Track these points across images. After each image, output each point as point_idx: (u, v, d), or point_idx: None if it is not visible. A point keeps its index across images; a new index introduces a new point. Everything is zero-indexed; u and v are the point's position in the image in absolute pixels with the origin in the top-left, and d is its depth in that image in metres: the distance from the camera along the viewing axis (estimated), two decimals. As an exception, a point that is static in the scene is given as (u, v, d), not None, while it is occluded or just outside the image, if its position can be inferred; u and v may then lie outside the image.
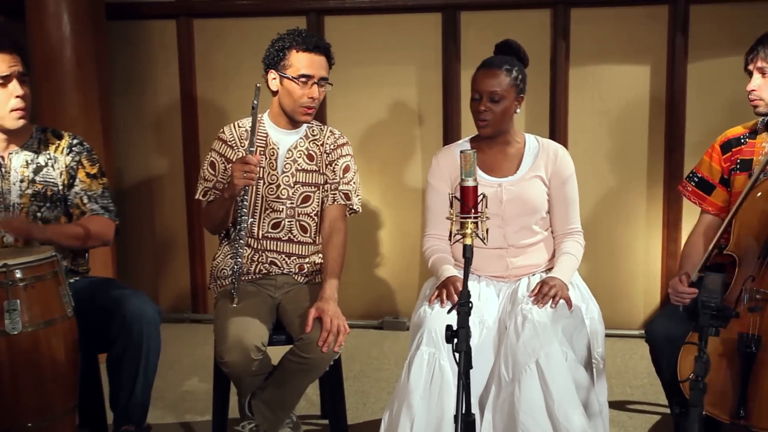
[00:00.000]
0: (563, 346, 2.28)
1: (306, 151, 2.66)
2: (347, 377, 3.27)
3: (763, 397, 2.01)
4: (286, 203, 2.64)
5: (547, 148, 2.60)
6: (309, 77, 2.54)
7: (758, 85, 2.37)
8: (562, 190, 2.58)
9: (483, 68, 2.53)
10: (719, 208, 2.52)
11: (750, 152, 2.47)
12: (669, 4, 3.73)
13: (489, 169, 2.58)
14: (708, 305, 1.78)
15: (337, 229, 2.67)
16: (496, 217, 2.51)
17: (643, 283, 3.98)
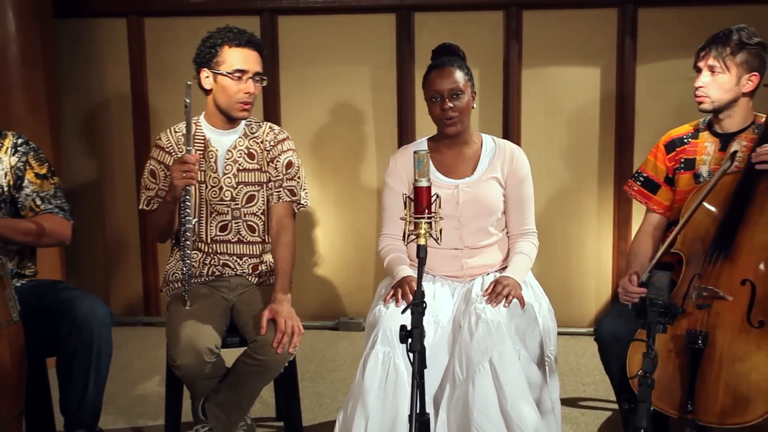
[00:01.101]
0: (516, 344, 2.30)
1: (246, 150, 2.63)
2: (303, 378, 3.26)
3: (710, 392, 2.07)
4: (230, 205, 2.61)
5: (503, 149, 2.62)
6: (244, 72, 2.50)
7: (706, 82, 2.41)
8: (518, 191, 2.61)
9: (435, 69, 2.54)
10: (665, 207, 2.58)
11: (693, 151, 2.53)
12: (618, 7, 3.80)
13: (446, 171, 2.60)
14: (656, 303, 1.82)
15: (284, 227, 2.63)
16: (453, 218, 2.53)
17: (595, 282, 4.05)
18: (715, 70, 2.40)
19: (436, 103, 2.52)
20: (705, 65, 2.41)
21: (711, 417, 2.05)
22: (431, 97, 2.52)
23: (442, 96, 2.50)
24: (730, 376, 2.06)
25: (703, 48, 2.43)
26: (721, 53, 2.38)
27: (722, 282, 2.19)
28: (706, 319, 2.15)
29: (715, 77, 2.40)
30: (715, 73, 2.40)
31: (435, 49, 2.67)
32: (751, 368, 2.05)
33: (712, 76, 2.41)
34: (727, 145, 2.46)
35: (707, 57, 2.40)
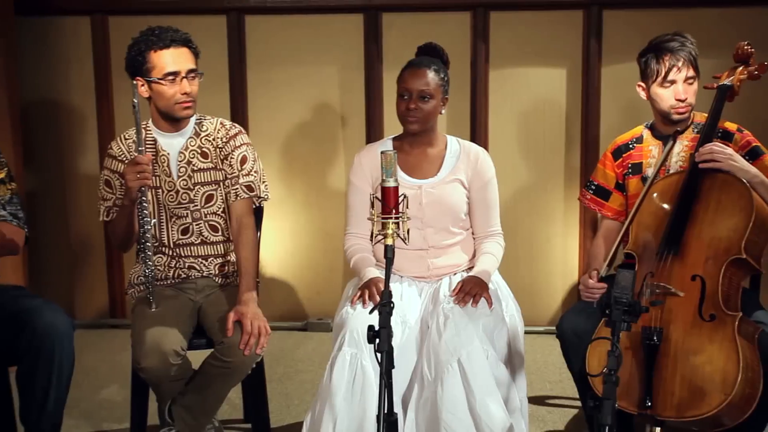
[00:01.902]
0: (484, 344, 2.32)
1: (199, 150, 2.59)
2: (271, 380, 3.24)
3: (666, 387, 2.10)
4: (189, 207, 2.58)
5: (468, 151, 2.63)
6: (175, 74, 2.46)
7: (690, 93, 2.45)
8: (483, 194, 2.62)
9: (411, 67, 2.54)
10: (617, 212, 2.63)
11: (639, 156, 2.59)
12: (583, 9, 3.84)
13: (410, 170, 2.60)
14: (620, 301, 1.84)
15: (244, 225, 2.59)
16: (416, 219, 2.53)
17: (562, 281, 4.09)
18: (692, 81, 2.44)
19: (403, 100, 2.53)
20: (683, 78, 2.43)
21: (669, 411, 2.09)
22: (401, 93, 2.53)
23: (410, 95, 2.51)
24: (685, 370, 2.10)
25: (674, 60, 2.43)
26: (694, 61, 2.44)
27: (674, 278, 2.24)
28: (660, 316, 2.19)
29: (692, 86, 2.45)
30: (692, 83, 2.44)
31: (421, 46, 2.67)
32: (704, 361, 2.09)
33: (690, 86, 2.45)
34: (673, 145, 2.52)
35: (685, 68, 2.43)
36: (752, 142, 2.48)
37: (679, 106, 2.46)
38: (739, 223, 2.22)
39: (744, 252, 2.19)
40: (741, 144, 2.47)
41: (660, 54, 2.44)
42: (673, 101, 2.46)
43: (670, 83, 2.45)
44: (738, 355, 2.05)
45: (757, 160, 2.43)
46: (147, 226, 2.42)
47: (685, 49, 2.43)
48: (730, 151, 2.33)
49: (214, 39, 3.97)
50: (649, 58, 2.48)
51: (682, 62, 2.42)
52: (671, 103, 2.46)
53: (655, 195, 2.43)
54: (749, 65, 2.52)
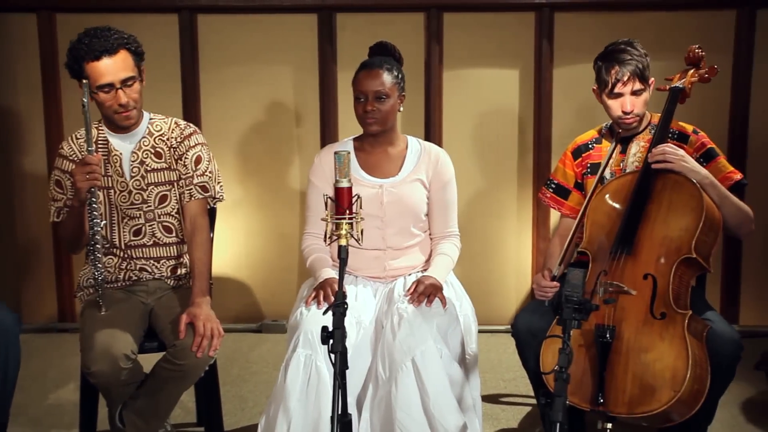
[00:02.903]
0: (438, 343, 2.33)
1: (152, 150, 2.55)
2: (225, 382, 3.21)
3: (618, 384, 2.13)
4: (142, 208, 2.55)
5: (429, 152, 2.64)
6: (109, 86, 2.40)
7: (636, 104, 2.48)
8: (442, 194, 2.63)
9: (364, 69, 2.54)
10: (576, 211, 2.66)
11: (598, 156, 2.63)
12: (535, 11, 3.88)
13: (371, 170, 2.60)
14: (571, 299, 1.87)
15: (198, 226, 2.56)
16: (376, 218, 2.53)
17: (515, 280, 4.13)
18: (639, 93, 2.47)
19: (360, 102, 2.52)
20: (629, 91, 2.46)
21: (620, 408, 2.12)
22: (357, 96, 2.53)
23: (366, 97, 2.50)
24: (637, 367, 2.13)
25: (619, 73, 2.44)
26: (641, 74, 2.45)
27: (626, 277, 2.27)
28: (613, 314, 2.22)
29: (640, 97, 2.48)
30: (639, 94, 2.48)
31: (372, 46, 2.67)
32: (655, 358, 2.12)
33: (638, 98, 2.48)
34: (627, 147, 2.57)
35: (630, 82, 2.45)
36: (707, 144, 2.53)
37: (624, 117, 2.50)
38: (690, 224, 2.27)
39: (694, 251, 2.24)
40: (696, 146, 2.52)
41: (609, 65, 2.46)
42: (620, 113, 2.49)
43: (616, 96, 2.48)
44: (687, 352, 2.09)
45: (711, 162, 2.48)
46: (97, 227, 2.38)
47: (633, 62, 2.44)
48: (682, 152, 2.38)
49: (166, 38, 3.91)
50: (600, 67, 2.50)
51: (627, 77, 2.44)
52: (618, 114, 2.50)
53: (609, 195, 2.46)
54: (700, 68, 2.57)
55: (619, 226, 2.35)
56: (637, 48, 2.48)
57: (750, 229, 2.45)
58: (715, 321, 2.29)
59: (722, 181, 2.41)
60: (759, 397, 3.16)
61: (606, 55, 2.50)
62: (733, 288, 4.02)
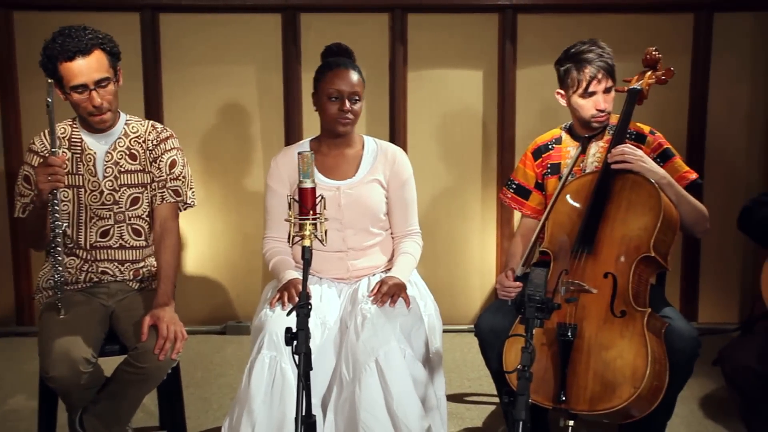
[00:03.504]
0: (401, 343, 2.33)
1: (127, 151, 2.54)
2: (188, 385, 3.18)
3: (579, 382, 2.16)
4: (113, 209, 2.52)
5: (385, 151, 2.65)
6: (83, 87, 2.37)
7: (609, 101, 2.52)
8: (401, 193, 2.63)
9: (338, 69, 2.52)
10: (537, 211, 2.70)
11: (558, 157, 2.67)
12: (498, 12, 3.91)
13: (328, 172, 2.60)
14: (533, 299, 1.88)
15: (168, 229, 2.55)
16: (335, 221, 2.53)
17: (479, 280, 4.15)
18: (610, 90, 2.51)
19: (334, 102, 2.50)
20: (602, 89, 2.50)
21: (582, 405, 2.14)
22: (330, 96, 2.50)
23: (341, 96, 2.50)
24: (598, 365, 2.16)
25: (593, 71, 2.47)
26: (612, 71, 2.50)
27: (587, 276, 2.30)
28: (575, 312, 2.25)
29: (610, 95, 2.52)
30: (609, 92, 2.52)
31: (330, 46, 2.64)
32: (616, 355, 2.15)
33: (608, 95, 2.52)
34: (587, 148, 2.60)
35: (605, 79, 2.49)
36: (663, 144, 2.57)
37: (599, 115, 2.53)
38: (649, 223, 2.30)
39: (653, 250, 2.27)
40: (653, 146, 2.56)
41: (580, 65, 2.49)
42: (594, 111, 2.52)
43: (590, 95, 2.51)
44: (647, 349, 2.13)
45: (668, 162, 2.53)
46: (58, 229, 2.34)
47: (603, 60, 2.49)
48: (641, 152, 2.42)
49: (128, 37, 3.82)
50: (569, 68, 2.52)
51: (602, 74, 2.48)
52: (592, 113, 2.53)
53: (570, 195, 2.49)
54: (657, 70, 2.62)
55: (580, 225, 2.38)
56: (603, 46, 2.52)
57: (705, 227, 2.50)
58: (674, 318, 2.33)
59: (678, 180, 2.46)
60: (716, 392, 3.22)
61: (574, 55, 2.53)
62: (692, 286, 4.10)
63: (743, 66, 3.94)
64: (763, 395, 2.24)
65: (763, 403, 2.25)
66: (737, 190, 3.90)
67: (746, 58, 3.93)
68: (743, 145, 4.00)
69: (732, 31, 3.90)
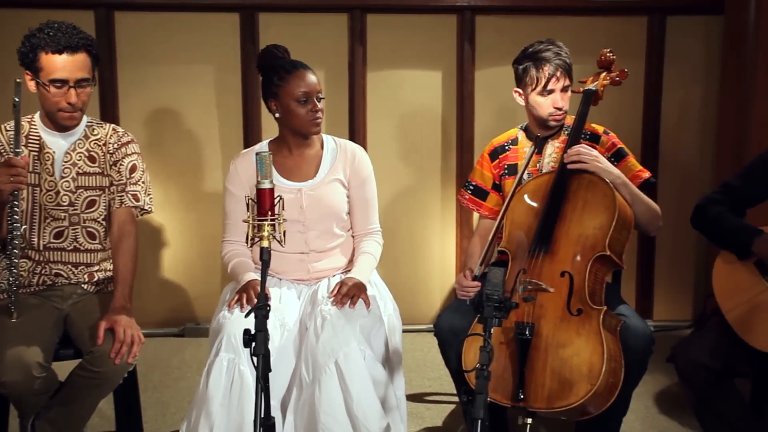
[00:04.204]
0: (361, 344, 2.33)
1: (87, 153, 2.51)
2: (146, 388, 3.14)
3: (537, 380, 2.18)
4: (68, 210, 2.48)
5: (345, 150, 2.64)
6: (63, 82, 2.34)
7: (566, 99, 2.55)
8: (362, 191, 2.63)
9: (297, 71, 2.50)
10: (494, 212, 2.72)
11: (514, 157, 2.70)
12: (457, 13, 3.94)
13: (288, 174, 2.58)
14: (491, 298, 1.90)
15: (126, 233, 2.52)
16: (298, 223, 2.52)
17: (439, 280, 4.18)
18: (567, 89, 2.55)
19: (303, 104, 2.49)
20: (560, 87, 2.53)
21: (540, 403, 2.16)
22: (298, 99, 2.49)
23: (310, 97, 2.49)
24: (555, 363, 2.18)
25: (551, 69, 2.51)
26: (568, 71, 2.53)
27: (544, 275, 2.32)
28: (532, 311, 2.27)
29: (567, 94, 2.56)
30: (566, 91, 2.55)
31: (268, 50, 2.59)
32: (572, 353, 2.18)
33: (566, 94, 2.55)
34: (542, 148, 2.64)
35: (562, 77, 2.52)
36: (617, 144, 2.62)
37: (556, 113, 2.57)
38: (604, 222, 2.34)
39: (608, 249, 2.31)
40: (607, 146, 2.60)
41: (539, 63, 2.53)
42: (552, 109, 2.56)
43: (548, 92, 2.55)
44: (602, 347, 2.15)
45: (622, 162, 2.57)
46: (16, 232, 2.29)
47: (561, 59, 2.53)
48: (596, 152, 2.45)
49: (82, 35, 3.79)
50: (528, 67, 2.55)
51: (560, 72, 2.52)
52: (549, 111, 2.56)
53: (527, 195, 2.52)
54: (611, 71, 2.66)
55: (537, 225, 2.41)
56: (561, 46, 2.55)
57: (659, 225, 2.55)
58: (629, 316, 2.36)
59: (632, 179, 2.50)
60: (670, 388, 3.28)
61: (533, 54, 2.56)
62: (647, 284, 4.17)
63: (695, 69, 4.02)
64: (715, 390, 2.29)
65: (714, 397, 2.30)
66: (690, 190, 3.98)
67: (698, 61, 4.01)
68: (695, 146, 4.09)
69: (684, 34, 3.98)
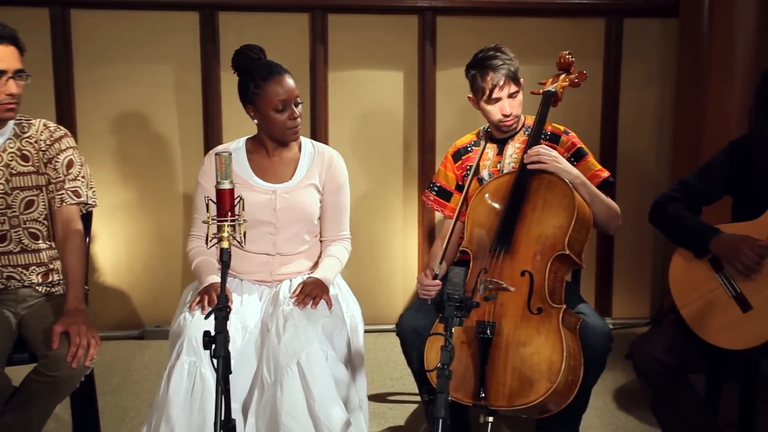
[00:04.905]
0: (323, 345, 2.32)
1: (19, 152, 2.43)
2: (104, 392, 3.09)
3: (498, 378, 2.20)
4: (6, 213, 2.41)
5: (322, 155, 2.62)
6: (2, 73, 2.28)
7: (514, 106, 2.57)
8: (335, 198, 2.62)
9: (274, 78, 2.45)
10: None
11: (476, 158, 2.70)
12: (418, 14, 3.95)
13: (264, 175, 2.56)
14: (452, 297, 1.91)
15: (71, 232, 2.45)
16: (268, 224, 2.50)
17: (402, 280, 4.18)
18: (515, 95, 2.57)
19: (282, 112, 2.46)
20: (506, 94, 2.56)
21: (501, 401, 2.18)
22: (276, 108, 2.45)
23: (288, 104, 2.46)
24: (515, 361, 2.20)
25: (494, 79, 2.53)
26: (514, 76, 2.55)
27: (505, 274, 2.35)
28: (493, 310, 2.29)
29: (516, 99, 2.58)
30: (515, 96, 2.57)
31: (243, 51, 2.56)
32: (533, 352, 2.20)
33: (514, 99, 2.57)
34: (503, 149, 2.66)
35: (506, 86, 2.55)
36: (577, 144, 2.65)
37: (504, 120, 2.59)
38: (563, 221, 2.37)
39: (568, 248, 2.34)
40: (567, 146, 2.64)
41: (483, 73, 2.56)
42: (500, 116, 2.59)
43: (495, 101, 2.57)
44: (562, 345, 2.18)
45: (581, 161, 2.61)
46: None
47: (505, 66, 2.54)
48: (555, 153, 2.48)
49: (36, 33, 3.71)
50: (474, 75, 2.59)
51: (503, 81, 2.54)
52: (498, 117, 2.59)
53: (488, 195, 2.54)
54: (570, 73, 2.70)
55: (498, 225, 2.43)
56: (505, 52, 2.57)
57: (617, 225, 2.59)
58: (588, 314, 2.40)
59: (591, 179, 2.54)
60: (629, 385, 3.33)
61: (477, 62, 2.59)
62: (606, 283, 4.23)
63: (652, 70, 4.09)
64: (671, 386, 2.33)
65: (670, 393, 2.34)
66: (647, 189, 4.04)
67: (654, 63, 4.08)
68: (653, 146, 4.16)
69: (641, 36, 4.05)
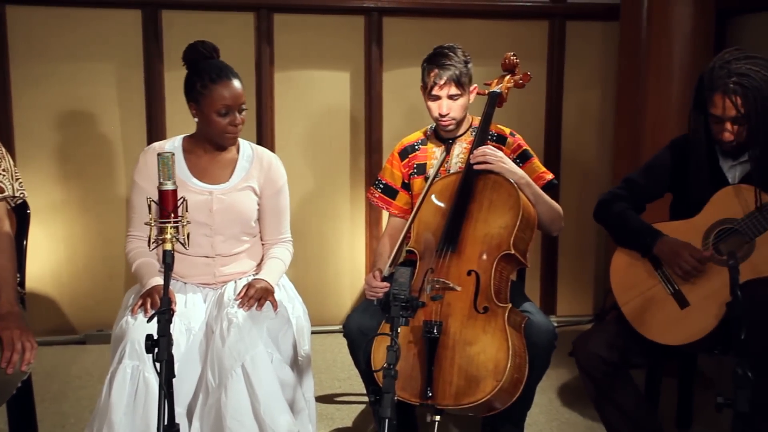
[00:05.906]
0: (269, 347, 2.30)
1: None
2: (43, 399, 3.01)
3: (445, 377, 2.21)
4: None
5: (260, 158, 2.60)
6: None
7: (452, 107, 2.57)
8: (275, 201, 2.60)
9: (221, 81, 2.40)
10: (404, 210, 2.75)
11: (423, 157, 2.73)
12: (364, 15, 3.95)
13: (201, 175, 2.52)
14: (398, 297, 1.91)
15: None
16: (205, 226, 2.47)
17: (350, 280, 4.18)
18: (456, 97, 2.57)
19: (224, 116, 2.42)
20: (446, 94, 2.56)
21: (447, 400, 2.19)
22: (218, 112, 2.41)
23: (231, 110, 2.42)
24: (462, 360, 2.22)
25: (437, 77, 2.53)
26: (458, 79, 2.54)
27: (451, 274, 2.36)
28: (440, 310, 2.30)
29: (457, 102, 2.58)
30: (456, 99, 2.57)
31: (195, 47, 2.48)
32: (479, 350, 2.22)
33: (454, 102, 2.57)
34: (450, 149, 2.68)
35: (447, 86, 2.54)
36: (522, 146, 2.68)
37: (441, 119, 2.60)
38: (509, 221, 2.39)
39: (513, 248, 2.36)
40: (513, 147, 2.66)
41: (430, 68, 2.57)
42: (437, 114, 2.60)
43: (434, 98, 2.58)
44: (508, 343, 2.20)
45: (526, 163, 2.64)
46: None
47: (452, 68, 2.53)
48: (501, 153, 2.51)
49: (-29, 29, 3.61)
50: (424, 68, 2.60)
51: (444, 81, 2.54)
52: (435, 115, 2.61)
53: (435, 195, 2.55)
54: (515, 74, 2.73)
55: (445, 225, 2.44)
56: (458, 54, 2.57)
57: (561, 226, 2.62)
58: (533, 313, 2.43)
59: (536, 180, 2.57)
60: (572, 382, 3.39)
61: (430, 57, 2.60)
62: (551, 281, 4.30)
63: (594, 72, 4.17)
64: (612, 381, 2.38)
65: (611, 388, 2.39)
66: (590, 188, 4.12)
67: (596, 65, 4.17)
68: (595, 146, 4.24)
69: (583, 39, 4.13)
